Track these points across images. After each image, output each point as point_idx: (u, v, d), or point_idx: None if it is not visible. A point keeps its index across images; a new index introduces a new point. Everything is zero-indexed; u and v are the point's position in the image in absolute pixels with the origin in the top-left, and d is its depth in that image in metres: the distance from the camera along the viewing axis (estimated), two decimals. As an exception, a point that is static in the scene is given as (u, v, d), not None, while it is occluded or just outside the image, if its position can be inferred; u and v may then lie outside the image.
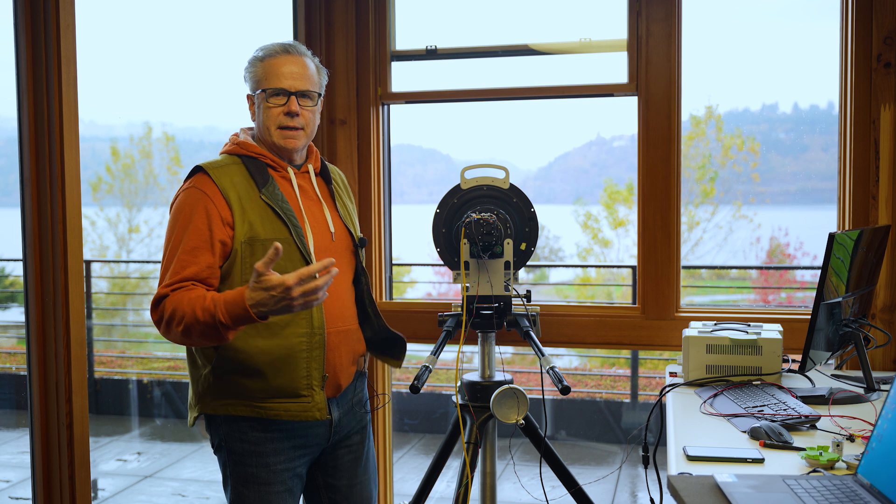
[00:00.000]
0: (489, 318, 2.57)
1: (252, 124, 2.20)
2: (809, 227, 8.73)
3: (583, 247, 9.12)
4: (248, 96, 2.16)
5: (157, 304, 1.95)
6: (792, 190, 8.88)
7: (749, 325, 2.53)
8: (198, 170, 2.06)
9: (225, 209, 2.00)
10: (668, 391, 2.32)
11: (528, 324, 2.55)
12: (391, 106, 3.18)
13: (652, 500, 2.35)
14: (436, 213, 2.62)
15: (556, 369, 2.37)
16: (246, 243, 2.01)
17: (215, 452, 2.18)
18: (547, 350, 2.48)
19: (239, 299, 1.85)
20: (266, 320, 1.88)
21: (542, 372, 2.45)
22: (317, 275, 1.82)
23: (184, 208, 2.01)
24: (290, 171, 2.14)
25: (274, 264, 1.81)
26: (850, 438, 1.85)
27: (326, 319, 2.08)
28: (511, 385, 2.45)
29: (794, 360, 2.52)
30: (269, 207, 2.04)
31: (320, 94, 2.17)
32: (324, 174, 2.25)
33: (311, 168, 2.20)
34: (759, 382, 2.30)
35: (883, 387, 2.31)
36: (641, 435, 2.42)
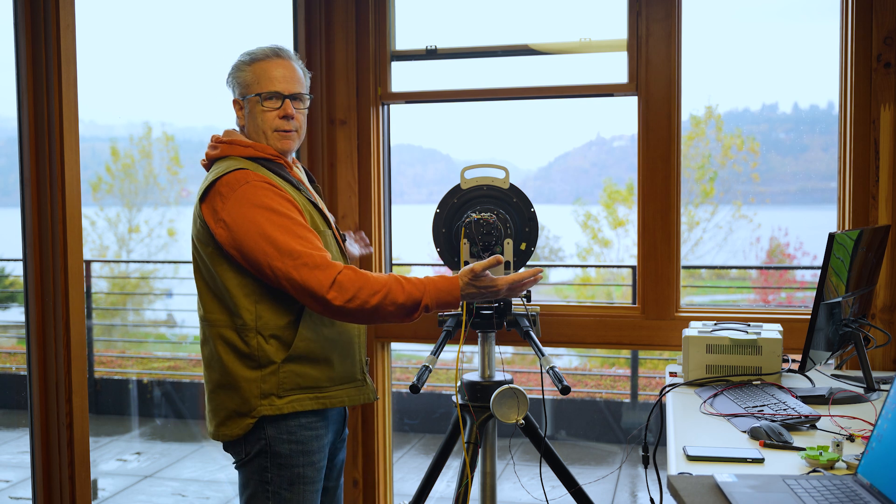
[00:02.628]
0: (489, 318, 2.57)
1: (235, 127, 2.17)
2: (809, 227, 8.73)
3: (583, 247, 9.12)
4: (236, 101, 2.13)
5: (333, 283, 1.89)
6: (792, 190, 8.88)
7: (749, 325, 2.53)
8: (236, 169, 2.01)
9: (292, 198, 2.01)
10: (668, 391, 2.32)
11: (528, 324, 2.55)
12: (391, 106, 3.18)
13: (652, 500, 2.35)
14: (436, 213, 2.62)
15: (556, 369, 2.37)
16: None
17: (245, 465, 2.08)
18: (547, 350, 2.48)
19: (453, 290, 1.97)
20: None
21: (542, 372, 2.45)
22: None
23: (263, 193, 1.96)
24: (296, 169, 2.19)
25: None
26: (850, 438, 1.85)
27: None
28: (511, 385, 2.45)
29: (794, 360, 2.52)
30: (309, 202, 2.09)
31: (311, 97, 2.19)
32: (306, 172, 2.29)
33: (301, 167, 2.26)
34: (759, 382, 2.30)
35: (883, 387, 2.31)
36: (641, 435, 2.43)
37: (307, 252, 1.91)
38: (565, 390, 2.31)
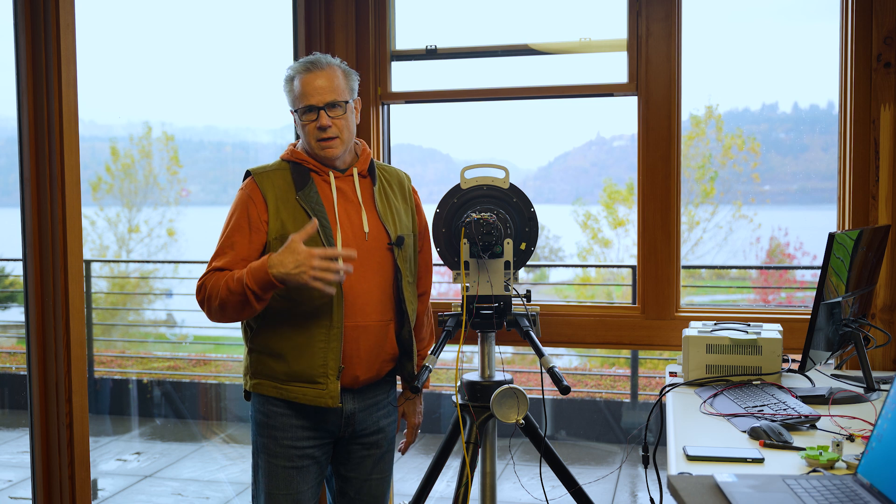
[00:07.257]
0: (489, 318, 2.57)
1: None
2: (809, 227, 8.73)
3: (583, 247, 9.11)
4: (292, 112, 2.34)
5: (199, 289, 2.19)
6: (792, 190, 8.88)
7: (749, 325, 2.53)
8: (247, 175, 2.31)
9: (262, 208, 2.23)
10: (668, 391, 2.32)
11: (527, 323, 2.55)
12: (391, 106, 3.18)
13: (652, 500, 2.35)
14: (436, 212, 2.62)
15: (556, 369, 2.37)
16: (277, 239, 2.20)
17: None
18: (547, 350, 2.48)
19: (263, 263, 2.07)
20: (283, 286, 2.08)
21: (542, 372, 2.45)
22: (340, 262, 2.08)
23: (232, 208, 2.28)
24: (332, 175, 2.29)
25: (308, 237, 2.07)
26: (850, 438, 1.86)
27: (346, 314, 2.23)
28: (511, 385, 2.45)
29: (794, 360, 2.52)
30: (301, 208, 2.23)
31: (347, 101, 2.28)
32: (370, 174, 2.37)
33: (355, 171, 2.33)
34: (759, 382, 2.30)
35: (883, 387, 2.31)
36: (641, 435, 2.43)
37: (212, 262, 2.22)
38: (565, 390, 2.31)
